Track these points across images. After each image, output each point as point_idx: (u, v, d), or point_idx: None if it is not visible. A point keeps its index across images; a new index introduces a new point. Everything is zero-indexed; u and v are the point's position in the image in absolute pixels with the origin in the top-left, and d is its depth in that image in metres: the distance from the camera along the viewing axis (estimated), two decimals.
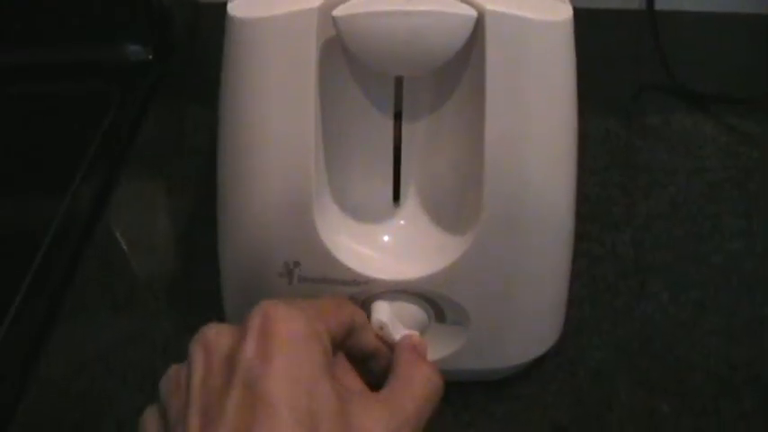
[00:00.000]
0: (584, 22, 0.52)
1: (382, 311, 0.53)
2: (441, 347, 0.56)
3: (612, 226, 0.73)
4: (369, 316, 0.54)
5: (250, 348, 0.42)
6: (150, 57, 0.89)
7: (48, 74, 0.88)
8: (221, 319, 0.59)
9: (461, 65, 0.50)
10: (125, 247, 0.72)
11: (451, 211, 0.54)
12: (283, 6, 0.48)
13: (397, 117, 0.53)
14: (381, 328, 0.52)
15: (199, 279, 0.68)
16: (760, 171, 0.79)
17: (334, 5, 0.47)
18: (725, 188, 0.77)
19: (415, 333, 0.52)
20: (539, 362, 0.61)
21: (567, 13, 0.50)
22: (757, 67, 0.92)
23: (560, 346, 0.61)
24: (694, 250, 0.71)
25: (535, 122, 0.50)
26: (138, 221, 0.76)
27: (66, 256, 0.70)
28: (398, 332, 0.53)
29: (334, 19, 0.47)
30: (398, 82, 0.52)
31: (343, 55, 0.50)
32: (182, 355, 0.61)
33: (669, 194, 0.76)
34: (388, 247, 0.54)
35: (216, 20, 0.51)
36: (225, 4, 0.51)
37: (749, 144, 0.82)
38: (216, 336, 0.45)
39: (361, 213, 0.54)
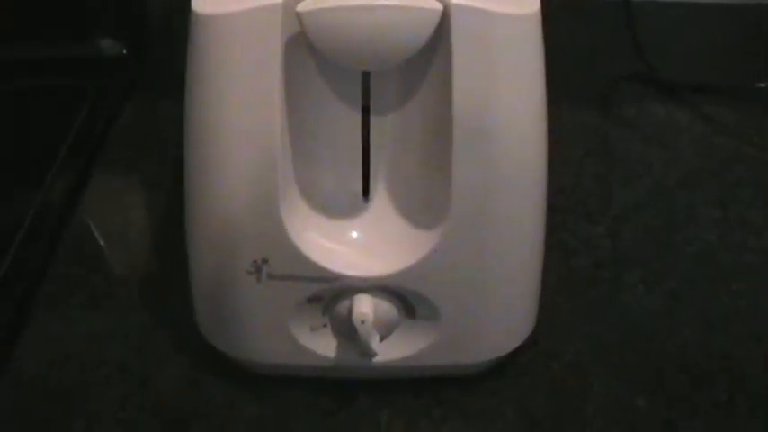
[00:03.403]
0: (560, 13, 0.51)
1: (365, 305, 0.53)
2: (412, 344, 0.56)
3: (588, 217, 0.73)
4: (339, 310, 0.54)
5: None
6: (124, 51, 0.88)
7: (22, 69, 0.87)
8: (192, 314, 0.59)
9: (428, 58, 0.50)
10: (99, 243, 0.72)
11: (421, 206, 0.53)
12: (247, 2, 0.48)
13: (365, 111, 0.53)
14: (363, 322, 0.52)
15: (173, 274, 0.67)
16: (735, 161, 0.79)
17: (298, 1, 0.47)
18: (700, 178, 0.77)
19: None
20: (512, 355, 0.60)
21: (533, 5, 0.50)
22: (732, 56, 0.92)
23: (535, 339, 0.61)
24: (670, 240, 0.71)
25: (503, 116, 0.50)
26: (113, 216, 0.75)
27: (40, 250, 0.69)
28: (373, 336, 0.52)
29: (297, 14, 0.47)
30: (365, 76, 0.52)
31: (308, 50, 0.49)
32: (155, 351, 0.61)
33: (645, 185, 0.76)
34: (357, 243, 0.54)
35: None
36: None
37: (724, 134, 0.81)
38: None
39: (329, 209, 0.54)
